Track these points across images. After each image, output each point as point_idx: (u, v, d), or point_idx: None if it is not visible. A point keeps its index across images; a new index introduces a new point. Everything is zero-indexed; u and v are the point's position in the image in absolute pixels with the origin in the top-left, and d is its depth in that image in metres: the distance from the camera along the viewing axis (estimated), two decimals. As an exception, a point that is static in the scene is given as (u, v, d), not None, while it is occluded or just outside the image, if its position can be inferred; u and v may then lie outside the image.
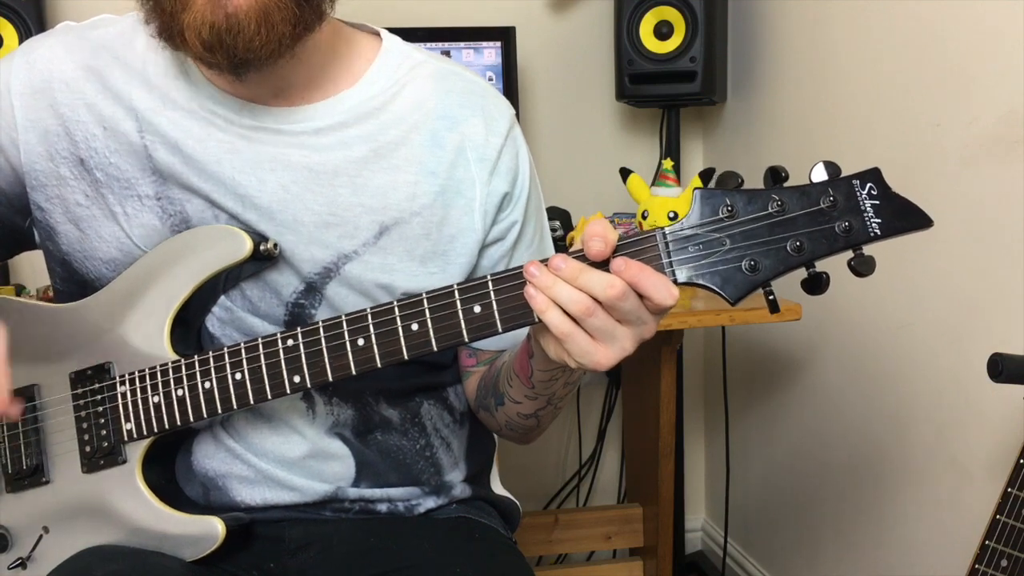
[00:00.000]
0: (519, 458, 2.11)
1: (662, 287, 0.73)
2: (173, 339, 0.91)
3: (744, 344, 2.14)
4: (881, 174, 0.73)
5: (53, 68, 0.93)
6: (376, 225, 0.94)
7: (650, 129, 2.24)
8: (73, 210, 0.94)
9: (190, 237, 0.92)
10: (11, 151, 0.94)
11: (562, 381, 0.91)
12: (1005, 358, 1.05)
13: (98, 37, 0.95)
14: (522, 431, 1.01)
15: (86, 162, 0.93)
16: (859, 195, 0.72)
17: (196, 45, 0.82)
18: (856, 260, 0.73)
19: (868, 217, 0.72)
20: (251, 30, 0.82)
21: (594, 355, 0.75)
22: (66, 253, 0.96)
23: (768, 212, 0.73)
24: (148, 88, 0.93)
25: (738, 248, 0.74)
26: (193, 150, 0.92)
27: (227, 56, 0.83)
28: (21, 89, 0.93)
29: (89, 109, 0.93)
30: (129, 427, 0.91)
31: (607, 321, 0.74)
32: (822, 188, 0.72)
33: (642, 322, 0.75)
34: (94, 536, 0.93)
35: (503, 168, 0.98)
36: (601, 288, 0.72)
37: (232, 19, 0.81)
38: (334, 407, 0.97)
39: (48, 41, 0.95)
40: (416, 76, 0.98)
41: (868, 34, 1.59)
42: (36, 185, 0.95)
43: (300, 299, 0.94)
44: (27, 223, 0.98)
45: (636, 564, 1.97)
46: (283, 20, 0.83)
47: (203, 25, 0.81)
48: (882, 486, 1.63)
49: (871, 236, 0.72)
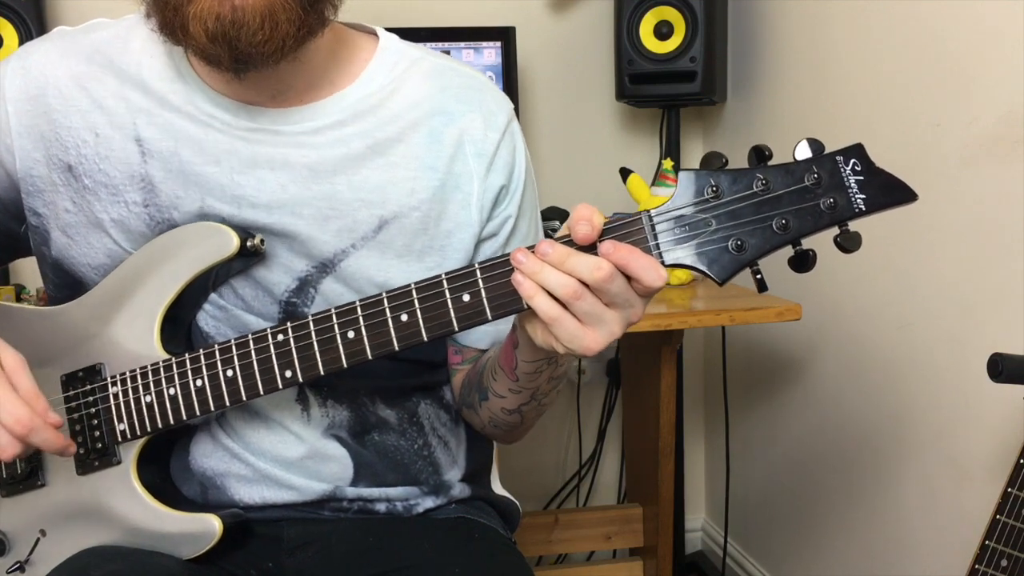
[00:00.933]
0: (519, 458, 2.11)
1: (651, 269, 0.73)
2: (163, 338, 0.91)
3: (744, 344, 2.14)
4: (864, 150, 0.73)
5: (47, 73, 0.93)
6: (375, 219, 0.94)
7: (650, 129, 2.24)
8: (62, 216, 0.95)
9: (177, 235, 0.92)
10: (6, 157, 0.94)
11: (546, 375, 0.91)
12: (1005, 358, 1.05)
13: (92, 41, 0.95)
14: (506, 428, 1.00)
15: (74, 168, 0.93)
16: (843, 171, 0.72)
17: (200, 36, 0.82)
18: (842, 236, 0.73)
19: (853, 193, 0.72)
20: (255, 24, 0.82)
21: (583, 339, 0.75)
22: (57, 259, 0.96)
23: (753, 191, 0.73)
24: (143, 92, 0.93)
25: (724, 228, 0.74)
26: (190, 153, 0.92)
27: (229, 50, 0.83)
28: (16, 95, 0.93)
29: (82, 115, 0.93)
30: (122, 427, 0.91)
31: (595, 305, 0.74)
32: (806, 165, 0.73)
33: (629, 305, 0.75)
34: (91, 538, 0.93)
35: (500, 163, 0.99)
36: (588, 271, 0.73)
37: (238, 12, 0.81)
38: (329, 409, 0.97)
39: (43, 46, 0.95)
40: (413, 73, 0.98)
41: (868, 34, 1.59)
42: (32, 191, 0.95)
43: (293, 297, 0.94)
44: (22, 228, 0.98)
45: (636, 564, 1.97)
46: (288, 21, 0.83)
47: (209, 16, 0.81)
48: (882, 486, 1.63)
49: (856, 211, 0.72)
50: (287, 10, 0.83)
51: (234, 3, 0.81)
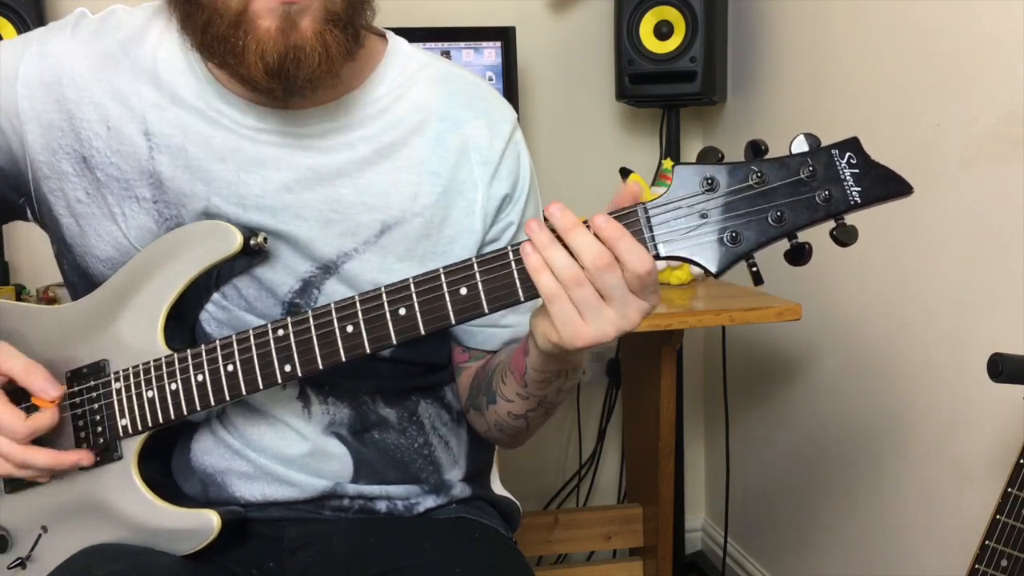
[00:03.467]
0: (519, 458, 2.11)
1: (635, 252, 0.74)
2: (167, 335, 0.91)
3: (744, 344, 2.14)
4: (860, 143, 0.73)
5: (64, 62, 0.93)
6: (378, 224, 0.94)
7: (650, 129, 2.24)
8: (73, 206, 0.95)
9: (181, 234, 0.92)
10: (11, 135, 0.94)
11: (555, 386, 0.91)
12: (1005, 358, 1.05)
13: (111, 31, 0.95)
14: (511, 433, 1.01)
15: (88, 160, 0.93)
16: (839, 164, 0.73)
17: (257, 69, 0.83)
18: (838, 230, 0.74)
19: (848, 186, 0.72)
20: (314, 62, 0.84)
21: (577, 325, 0.76)
22: (69, 245, 0.97)
23: (748, 184, 0.73)
24: (156, 85, 0.93)
25: (720, 220, 0.74)
26: (197, 148, 0.92)
27: (284, 83, 0.85)
28: (29, 78, 0.93)
29: (96, 107, 0.93)
30: (124, 423, 0.91)
31: (592, 295, 0.75)
32: (801, 159, 0.73)
33: (625, 303, 0.75)
34: (92, 534, 0.93)
35: (505, 171, 0.99)
36: (591, 255, 0.74)
37: (299, 50, 0.83)
38: (330, 406, 0.98)
39: (63, 34, 0.95)
40: (420, 78, 0.98)
41: (868, 34, 1.59)
42: (39, 176, 0.95)
43: (296, 297, 0.94)
44: (21, 200, 0.98)
45: (636, 564, 1.97)
46: (339, 53, 0.85)
47: (271, 51, 0.82)
48: (882, 486, 1.63)
49: (851, 204, 0.72)
50: (338, 44, 0.85)
51: (293, 41, 0.82)
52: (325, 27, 0.84)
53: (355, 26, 0.87)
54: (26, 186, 0.96)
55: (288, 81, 0.84)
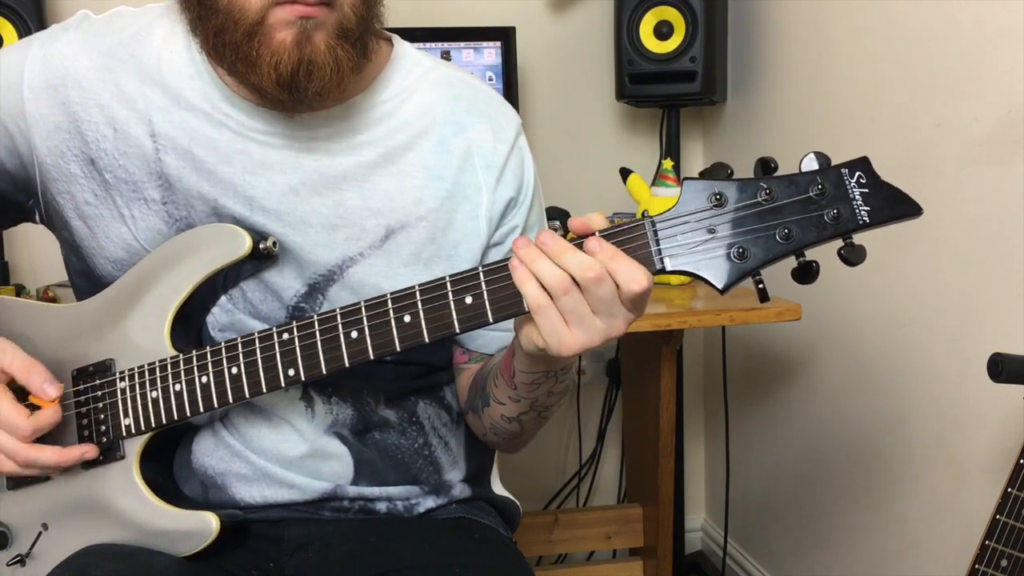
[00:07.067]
0: (519, 458, 2.10)
1: (627, 271, 0.73)
2: (173, 336, 0.92)
3: (744, 344, 2.14)
4: (870, 163, 0.73)
5: (68, 65, 0.93)
6: (382, 228, 0.95)
7: (650, 129, 2.24)
8: (82, 208, 0.95)
9: (191, 236, 0.92)
10: (18, 139, 0.94)
11: (545, 388, 0.92)
12: (1005, 358, 1.05)
13: (115, 33, 0.95)
14: (507, 436, 1.01)
15: (96, 162, 0.93)
16: (848, 183, 0.73)
17: (270, 79, 0.84)
18: (846, 249, 0.74)
19: (857, 205, 0.72)
20: (325, 75, 0.85)
21: (562, 335, 0.75)
22: (78, 246, 0.97)
23: (757, 200, 0.73)
24: (161, 88, 0.93)
25: (727, 236, 0.74)
26: (203, 151, 0.92)
27: (293, 94, 0.86)
28: (34, 82, 0.93)
29: (101, 110, 0.93)
30: (128, 423, 0.91)
31: (580, 304, 0.75)
32: (811, 177, 0.73)
33: (612, 315, 0.75)
34: (92, 533, 0.93)
35: (509, 175, 1.00)
36: (580, 269, 0.74)
37: (311, 63, 0.84)
38: (333, 406, 0.98)
39: (67, 36, 0.95)
40: (424, 82, 0.99)
41: (868, 34, 1.59)
42: (48, 179, 0.95)
43: (301, 302, 0.95)
44: (30, 203, 0.98)
45: (636, 564, 1.97)
46: (348, 68, 0.87)
47: (285, 63, 0.83)
48: (882, 486, 1.63)
49: (860, 224, 0.72)
50: (349, 58, 0.86)
51: (307, 55, 0.83)
52: (337, 42, 0.85)
53: (364, 42, 0.89)
54: (34, 189, 0.96)
55: (297, 92, 0.85)
